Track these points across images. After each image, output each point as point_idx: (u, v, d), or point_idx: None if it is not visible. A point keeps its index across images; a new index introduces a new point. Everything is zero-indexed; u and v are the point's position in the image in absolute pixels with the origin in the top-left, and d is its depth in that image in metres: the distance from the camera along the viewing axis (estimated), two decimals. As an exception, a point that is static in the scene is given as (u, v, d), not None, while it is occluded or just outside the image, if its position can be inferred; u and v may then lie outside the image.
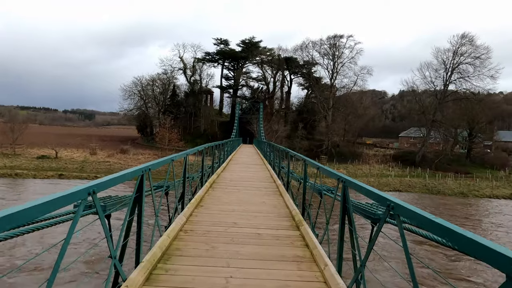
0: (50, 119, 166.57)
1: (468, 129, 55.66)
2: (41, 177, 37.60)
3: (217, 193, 8.45)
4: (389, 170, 50.70)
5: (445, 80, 53.48)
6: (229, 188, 9.31)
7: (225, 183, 10.09)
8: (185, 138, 63.22)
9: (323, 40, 61.18)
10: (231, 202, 7.47)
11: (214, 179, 10.44)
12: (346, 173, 47.30)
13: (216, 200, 7.61)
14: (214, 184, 9.72)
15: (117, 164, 43.79)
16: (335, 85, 61.25)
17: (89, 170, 41.92)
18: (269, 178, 11.99)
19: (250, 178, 11.59)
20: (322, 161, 52.73)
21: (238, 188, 9.29)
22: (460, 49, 51.99)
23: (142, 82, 67.12)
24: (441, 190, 42.26)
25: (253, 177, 11.94)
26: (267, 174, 13.30)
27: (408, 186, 43.33)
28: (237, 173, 12.90)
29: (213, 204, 7.14)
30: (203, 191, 8.11)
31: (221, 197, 7.93)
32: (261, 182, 10.71)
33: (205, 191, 8.28)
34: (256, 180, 11.17)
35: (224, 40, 68.65)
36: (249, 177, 11.81)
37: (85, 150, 47.92)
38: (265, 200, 7.79)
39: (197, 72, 67.96)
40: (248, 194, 8.48)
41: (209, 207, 6.84)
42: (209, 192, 8.46)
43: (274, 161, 13.92)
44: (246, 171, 13.73)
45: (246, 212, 6.57)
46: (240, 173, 12.83)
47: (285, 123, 59.19)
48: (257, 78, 68.62)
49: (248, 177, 11.93)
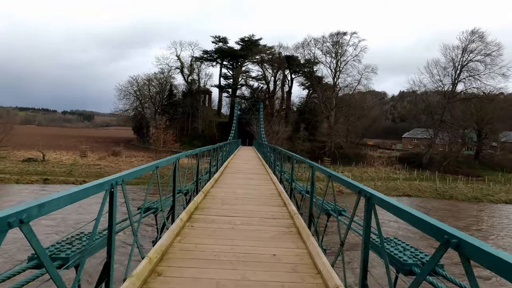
0: (49, 120, 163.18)
1: (477, 130, 52.45)
2: (24, 182, 34.38)
3: (197, 235, 5.10)
4: (396, 173, 47.43)
5: (454, 78, 50.28)
6: (218, 220, 5.98)
7: (214, 210, 6.75)
8: (182, 139, 59.95)
9: (325, 38, 57.94)
10: (218, 256, 4.17)
11: (199, 202, 7.11)
12: (351, 176, 43.97)
13: (189, 255, 4.26)
14: (197, 213, 6.38)
15: (108, 168, 40.45)
16: (338, 84, 57.97)
17: (77, 174, 38.63)
18: (276, 197, 8.67)
19: (250, 198, 8.26)
20: (325, 163, 49.42)
21: (233, 221, 5.95)
22: (469, 46, 48.81)
23: (138, 82, 63.90)
24: (454, 195, 39.00)
25: (254, 196, 8.60)
26: (272, 188, 9.98)
27: (418, 190, 40.07)
28: (233, 188, 9.55)
29: (184, 271, 3.79)
30: (172, 233, 4.76)
31: (201, 246, 4.57)
32: (268, 207, 7.36)
33: (176, 234, 4.92)
34: (259, 202, 7.83)
35: (222, 38, 65.35)
36: (249, 196, 8.47)
37: (75, 153, 44.54)
38: (275, 253, 4.45)
39: (195, 71, 64.69)
40: (248, 236, 5.14)
41: (172, 282, 3.50)
42: (183, 233, 5.10)
43: (281, 172, 10.61)
44: (245, 186, 10.37)
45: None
46: (237, 189, 9.49)
47: (286, 123, 55.89)
48: (257, 77, 65.30)
49: (248, 195, 8.59)
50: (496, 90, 48.91)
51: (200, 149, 10.32)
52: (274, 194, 8.91)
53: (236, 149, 32.10)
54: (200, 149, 9.48)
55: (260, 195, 8.76)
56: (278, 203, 7.73)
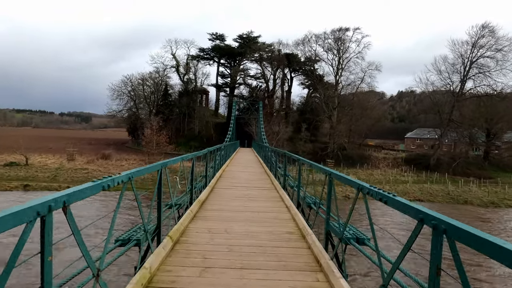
0: (46, 122, 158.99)
1: (486, 129, 49.09)
2: (2, 188, 30.77)
3: None
4: (403, 175, 44.00)
5: (463, 75, 46.93)
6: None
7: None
8: (178, 140, 56.39)
9: (327, 34, 54.44)
10: None
11: (155, 268, 3.59)
12: (357, 179, 40.47)
13: None
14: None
15: (96, 172, 36.86)
16: (340, 82, 54.50)
17: (62, 179, 35.03)
18: (297, 238, 5.15)
19: (254, 244, 4.73)
20: (328, 165, 45.98)
21: None
22: (479, 41, 45.50)
23: (132, 81, 60.25)
24: (468, 199, 35.63)
25: (262, 239, 5.05)
26: (287, 219, 6.47)
27: (430, 194, 36.68)
28: (226, 221, 5.99)
29: None
30: None
31: None
32: (289, 274, 3.81)
33: None
34: (270, 256, 4.30)
35: (220, 35, 61.74)
36: (253, 240, 4.92)
37: (62, 156, 40.87)
38: None
39: (191, 70, 61.07)
40: None
41: None
42: None
43: (298, 188, 7.11)
44: (244, 213, 6.80)
45: None
46: (233, 222, 5.94)
47: (286, 124, 52.37)
48: (256, 76, 61.67)
49: (251, 237, 5.04)
50: (507, 88, 45.66)
51: (193, 154, 7.02)
52: (293, 234, 5.37)
53: (234, 152, 28.58)
54: (182, 157, 6.15)
55: (270, 235, 5.22)
56: (306, 260, 4.20)
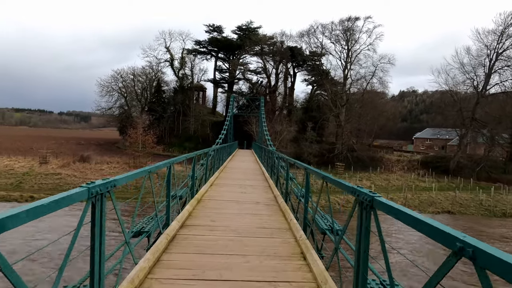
0: (45, 121, 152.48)
1: (510, 129, 42.73)
2: None
3: None
4: (423, 180, 37.63)
5: (488, 68, 40.57)
6: None
7: None
8: (171, 141, 50.09)
9: (334, 24, 47.98)
10: None
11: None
12: (374, 187, 34.13)
13: None
14: None
15: (70, 177, 30.49)
16: (349, 77, 48.08)
17: (27, 187, 28.62)
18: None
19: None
20: (338, 169, 39.60)
21: None
22: (507, 30, 39.15)
23: (123, 76, 53.86)
24: (507, 211, 29.34)
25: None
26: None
27: (460, 205, 30.36)
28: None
29: None
30: None
31: None
32: None
33: None
34: None
35: (217, 27, 55.28)
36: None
37: (34, 158, 34.50)
38: None
39: (187, 65, 54.65)
40: None
41: None
42: None
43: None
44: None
45: None
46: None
47: (290, 123, 45.98)
48: (256, 70, 55.14)
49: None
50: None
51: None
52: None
53: (229, 156, 22.20)
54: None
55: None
56: None
